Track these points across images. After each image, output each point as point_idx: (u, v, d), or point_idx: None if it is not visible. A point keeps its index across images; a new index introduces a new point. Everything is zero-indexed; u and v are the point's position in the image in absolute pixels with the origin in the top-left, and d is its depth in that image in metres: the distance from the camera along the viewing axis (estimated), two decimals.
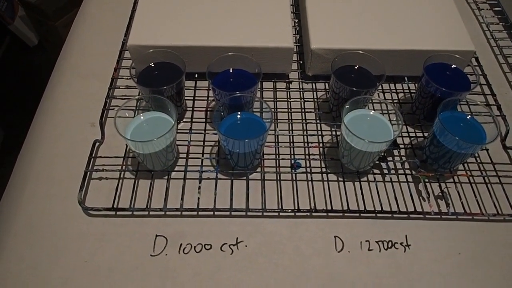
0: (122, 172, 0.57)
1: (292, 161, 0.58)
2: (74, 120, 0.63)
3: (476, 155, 0.60)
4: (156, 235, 0.53)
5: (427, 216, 0.54)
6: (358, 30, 0.64)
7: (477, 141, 0.53)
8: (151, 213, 0.54)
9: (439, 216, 0.54)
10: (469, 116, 0.55)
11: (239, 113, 0.54)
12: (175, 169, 0.58)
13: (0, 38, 1.91)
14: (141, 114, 0.54)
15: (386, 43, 0.62)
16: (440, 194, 0.56)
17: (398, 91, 0.67)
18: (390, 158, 0.59)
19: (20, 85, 1.74)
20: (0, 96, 1.69)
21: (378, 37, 0.63)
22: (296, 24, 0.76)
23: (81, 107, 0.65)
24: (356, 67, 0.60)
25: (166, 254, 0.51)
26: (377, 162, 0.58)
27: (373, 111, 0.55)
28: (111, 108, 0.64)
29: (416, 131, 0.63)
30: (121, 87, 0.66)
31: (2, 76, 1.77)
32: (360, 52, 0.58)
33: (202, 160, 0.58)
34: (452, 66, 0.59)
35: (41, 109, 0.66)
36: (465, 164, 0.59)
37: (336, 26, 0.64)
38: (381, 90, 0.67)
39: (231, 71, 0.59)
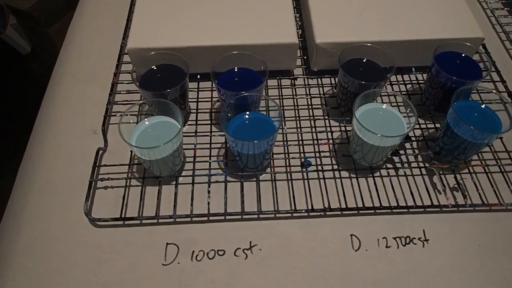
0: (128, 180, 0.55)
1: (302, 160, 0.57)
2: (75, 128, 0.62)
3: (490, 144, 0.59)
4: (167, 243, 0.51)
5: (444, 209, 0.53)
6: (363, 22, 0.62)
7: (493, 130, 0.51)
8: (160, 220, 0.52)
9: (456, 209, 0.53)
10: (483, 105, 0.53)
11: (247, 113, 0.53)
12: (183, 174, 0.56)
13: None
14: (146, 119, 0.52)
15: (392, 34, 0.61)
16: (456, 186, 0.54)
17: (406, 82, 0.66)
18: (402, 152, 0.58)
19: (15, 94, 1.72)
20: None
21: (383, 29, 0.61)
22: (298, 19, 0.74)
23: (82, 114, 0.63)
24: (364, 60, 0.58)
25: (178, 263, 0.50)
26: (389, 156, 0.57)
27: (384, 104, 0.53)
28: (112, 114, 0.62)
29: (427, 122, 0.61)
30: (121, 92, 0.65)
31: None
32: (368, 44, 0.56)
33: (209, 163, 0.56)
34: (462, 55, 0.58)
35: (40, 118, 0.64)
36: (480, 154, 0.58)
37: (340, 19, 0.63)
38: (388, 82, 0.65)
39: (236, 70, 0.57)
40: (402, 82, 0.65)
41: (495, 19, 0.75)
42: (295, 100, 0.64)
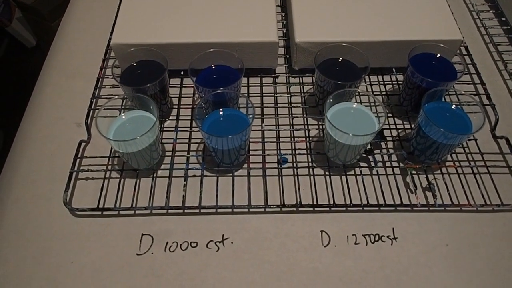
0: (108, 172, 0.57)
1: (279, 157, 0.58)
2: (60, 121, 0.63)
3: (465, 145, 0.60)
4: (142, 234, 0.53)
5: (414, 208, 0.54)
6: (343, 23, 0.63)
7: (463, 131, 0.52)
8: (137, 212, 0.54)
9: (426, 208, 0.54)
10: (454, 106, 0.54)
11: (221, 109, 0.54)
12: (162, 167, 0.58)
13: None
14: (123, 114, 0.53)
15: (372, 35, 0.62)
16: (428, 185, 0.55)
17: (386, 82, 0.66)
18: (378, 151, 0.59)
19: (20, 86, 1.74)
20: (0, 97, 1.69)
21: (363, 29, 0.62)
22: (284, 17, 0.75)
23: (68, 107, 0.65)
24: (340, 60, 0.59)
25: (152, 253, 0.51)
26: (364, 155, 0.58)
27: (356, 103, 0.54)
28: (97, 108, 0.63)
29: (404, 122, 0.62)
30: (107, 86, 0.66)
31: (2, 78, 1.77)
32: (343, 44, 0.57)
33: (187, 157, 0.58)
34: (438, 56, 0.59)
35: (29, 111, 0.66)
36: (453, 155, 0.59)
37: (321, 19, 0.64)
38: (368, 83, 0.66)
39: (214, 67, 0.58)
40: (382, 83, 0.66)
41: (480, 21, 0.75)
42: (275, 98, 0.65)
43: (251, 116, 0.52)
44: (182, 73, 0.67)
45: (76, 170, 0.56)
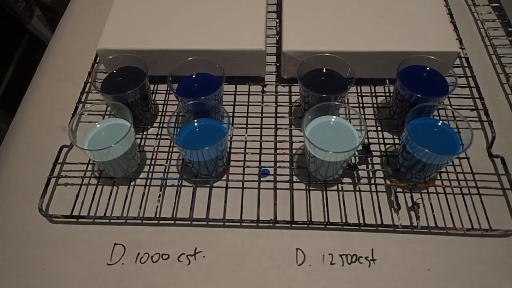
0: (85, 179, 0.56)
1: (261, 169, 0.56)
2: (47, 125, 0.64)
3: (457, 163, 0.56)
4: (115, 244, 0.52)
5: (397, 229, 0.51)
6: (334, 32, 0.61)
7: (450, 150, 0.49)
8: (112, 221, 0.53)
9: (410, 230, 0.51)
10: (441, 122, 0.51)
11: (196, 120, 0.53)
12: (141, 176, 0.57)
13: (19, 36, 1.97)
14: (99, 122, 0.53)
15: (363, 45, 0.59)
16: (412, 206, 0.53)
17: (378, 94, 0.64)
18: (364, 167, 0.56)
19: None
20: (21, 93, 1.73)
21: (354, 39, 0.60)
22: (278, 24, 0.73)
23: (56, 111, 0.65)
24: (326, 70, 0.57)
25: (122, 263, 0.50)
26: (348, 169, 0.55)
27: (334, 117, 0.52)
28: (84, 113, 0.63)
29: (394, 137, 0.59)
30: (94, 91, 0.66)
31: (23, 73, 1.82)
32: (327, 54, 0.55)
33: (165, 167, 0.57)
34: (430, 69, 0.56)
35: (19, 113, 0.67)
36: (444, 174, 0.55)
37: (312, 28, 0.62)
38: (360, 94, 0.64)
39: (195, 76, 0.57)
40: (374, 94, 0.64)
41: (484, 31, 0.71)
42: (262, 107, 0.63)
43: (226, 126, 0.51)
44: (170, 78, 0.66)
45: (54, 176, 0.56)
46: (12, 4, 1.57)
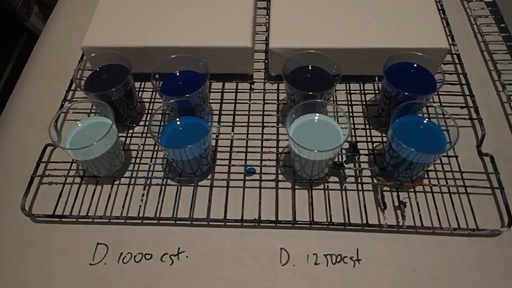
0: (68, 178, 0.56)
1: (247, 168, 0.56)
2: (32, 123, 0.63)
3: (446, 161, 0.56)
4: (98, 243, 0.52)
5: (383, 228, 0.50)
6: (321, 29, 0.60)
7: (436, 149, 0.48)
8: (96, 220, 0.53)
9: (396, 229, 0.50)
10: (426, 120, 0.50)
11: (178, 119, 0.52)
12: (126, 175, 0.56)
13: (18, 34, 1.96)
14: (79, 121, 0.52)
15: (350, 42, 0.58)
16: (398, 205, 0.52)
17: (367, 92, 0.63)
18: (351, 165, 0.56)
19: None
20: None
21: (342, 36, 0.59)
22: (268, 21, 0.72)
23: (42, 109, 0.65)
24: (313, 68, 0.56)
25: (105, 263, 0.50)
26: (334, 168, 0.54)
27: (318, 115, 0.51)
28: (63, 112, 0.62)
29: (383, 135, 0.59)
30: (79, 89, 0.65)
31: (21, 71, 1.82)
32: (312, 51, 0.54)
33: (149, 165, 0.56)
34: (417, 66, 0.55)
35: (5, 111, 0.66)
36: (432, 172, 0.55)
37: (299, 25, 0.61)
38: (348, 91, 0.63)
39: (179, 73, 0.57)
40: (363, 92, 0.63)
41: (477, 27, 0.70)
42: (249, 105, 0.62)
43: (209, 123, 0.50)
44: (157, 76, 0.65)
45: (38, 175, 0.56)
46: (10, 1, 1.56)
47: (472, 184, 0.53)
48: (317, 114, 0.51)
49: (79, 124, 0.52)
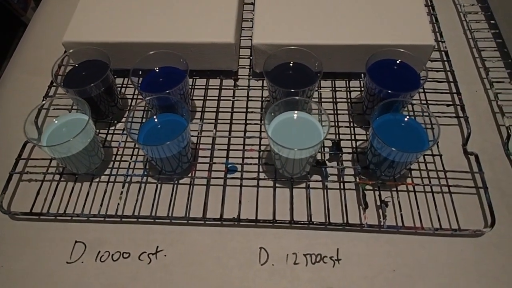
0: (47, 175, 0.55)
1: (229, 166, 0.55)
2: (14, 119, 0.63)
3: (431, 160, 0.55)
4: (76, 241, 0.51)
5: (364, 228, 0.50)
6: (305, 25, 0.59)
7: (417, 148, 0.47)
8: (74, 218, 0.52)
9: (377, 229, 0.50)
10: (407, 118, 0.49)
11: (155, 116, 0.51)
12: (106, 172, 0.56)
13: (15, 29, 1.95)
14: (56, 118, 0.52)
15: (334, 38, 0.57)
16: (380, 204, 0.51)
17: (352, 89, 0.62)
18: (334, 163, 0.55)
19: None
20: None
21: (326, 32, 0.58)
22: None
23: (24, 105, 0.63)
24: (296, 65, 0.55)
25: (82, 262, 0.49)
26: (316, 166, 0.54)
27: (297, 112, 0.50)
28: (44, 108, 0.61)
29: (367, 133, 0.58)
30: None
31: None
32: (293, 47, 0.53)
33: (129, 163, 0.55)
34: (398, 62, 0.54)
35: None
36: (416, 171, 0.54)
37: (283, 21, 0.60)
38: (333, 89, 0.62)
39: (159, 70, 0.56)
40: (349, 89, 0.62)
41: (466, 24, 0.69)
42: (233, 102, 0.61)
43: (185, 120, 0.49)
44: (140, 73, 0.64)
45: (17, 172, 0.55)
46: None
47: (456, 183, 0.52)
48: (297, 112, 0.50)
49: (55, 121, 0.51)
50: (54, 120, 0.52)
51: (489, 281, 0.46)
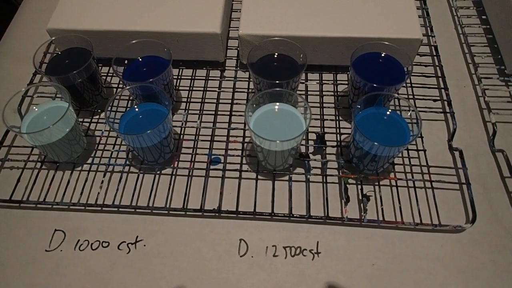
0: (29, 163, 0.55)
1: (212, 157, 0.55)
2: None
3: (415, 155, 0.54)
4: (55, 230, 0.51)
5: (344, 222, 0.49)
6: (292, 17, 0.58)
7: (399, 142, 0.47)
8: (55, 206, 0.52)
9: (358, 223, 0.50)
10: (389, 112, 0.49)
11: (136, 106, 0.51)
12: (87, 161, 0.55)
13: (11, 17, 1.94)
14: (36, 106, 0.51)
15: (321, 30, 0.57)
16: (361, 198, 0.51)
17: (339, 82, 0.61)
18: (318, 157, 0.54)
19: None
20: None
21: (313, 24, 0.57)
22: None
23: (8, 92, 0.63)
24: (281, 56, 0.54)
25: (61, 250, 0.49)
26: (299, 159, 0.53)
27: (279, 104, 0.50)
28: (29, 95, 0.61)
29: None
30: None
31: None
32: (277, 38, 0.52)
33: (111, 152, 0.55)
34: (383, 55, 0.53)
35: None
36: (399, 166, 0.53)
37: (271, 12, 0.59)
38: (320, 82, 0.61)
39: (143, 59, 0.55)
40: (336, 83, 0.61)
41: (458, 19, 0.68)
42: (219, 93, 0.61)
43: (167, 110, 0.49)
44: (126, 61, 0.63)
45: None
46: None
47: (439, 179, 0.52)
48: (278, 104, 0.50)
49: (36, 109, 0.51)
50: (34, 107, 0.51)
51: (467, 277, 0.46)
